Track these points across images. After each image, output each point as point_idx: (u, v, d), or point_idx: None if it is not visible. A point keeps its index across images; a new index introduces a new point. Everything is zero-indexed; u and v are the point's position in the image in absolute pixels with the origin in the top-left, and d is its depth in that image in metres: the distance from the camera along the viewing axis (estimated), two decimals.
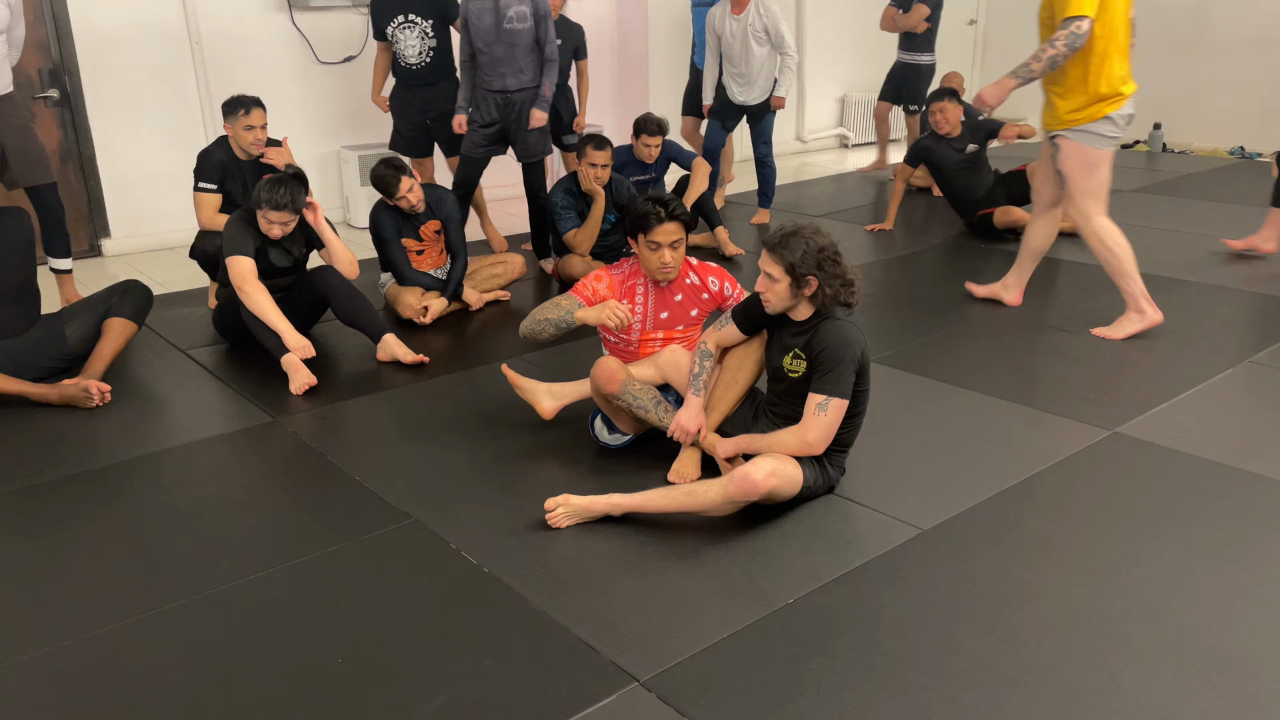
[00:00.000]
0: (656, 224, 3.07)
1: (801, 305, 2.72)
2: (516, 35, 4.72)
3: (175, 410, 3.60)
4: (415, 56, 5.09)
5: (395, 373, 3.88)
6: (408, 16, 5.04)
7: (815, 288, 2.65)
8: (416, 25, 5.04)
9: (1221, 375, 3.66)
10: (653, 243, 3.09)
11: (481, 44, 4.72)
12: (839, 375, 2.63)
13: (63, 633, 2.31)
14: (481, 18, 4.68)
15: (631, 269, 3.25)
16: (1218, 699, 2.03)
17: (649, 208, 3.08)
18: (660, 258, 3.10)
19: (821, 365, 2.65)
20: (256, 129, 4.26)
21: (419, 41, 5.05)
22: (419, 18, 5.05)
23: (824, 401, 2.64)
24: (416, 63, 5.10)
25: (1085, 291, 4.65)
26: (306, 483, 3.02)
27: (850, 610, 2.33)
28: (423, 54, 5.08)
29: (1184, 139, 8.54)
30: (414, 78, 5.16)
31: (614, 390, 2.98)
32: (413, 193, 4.31)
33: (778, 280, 2.66)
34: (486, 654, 2.21)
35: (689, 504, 2.65)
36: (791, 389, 2.76)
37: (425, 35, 5.06)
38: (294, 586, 2.48)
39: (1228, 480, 2.91)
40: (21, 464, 3.17)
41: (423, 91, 5.19)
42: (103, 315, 3.83)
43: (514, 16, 4.68)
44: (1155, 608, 2.33)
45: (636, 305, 3.23)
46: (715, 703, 2.04)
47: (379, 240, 4.44)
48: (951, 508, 2.78)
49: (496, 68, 4.76)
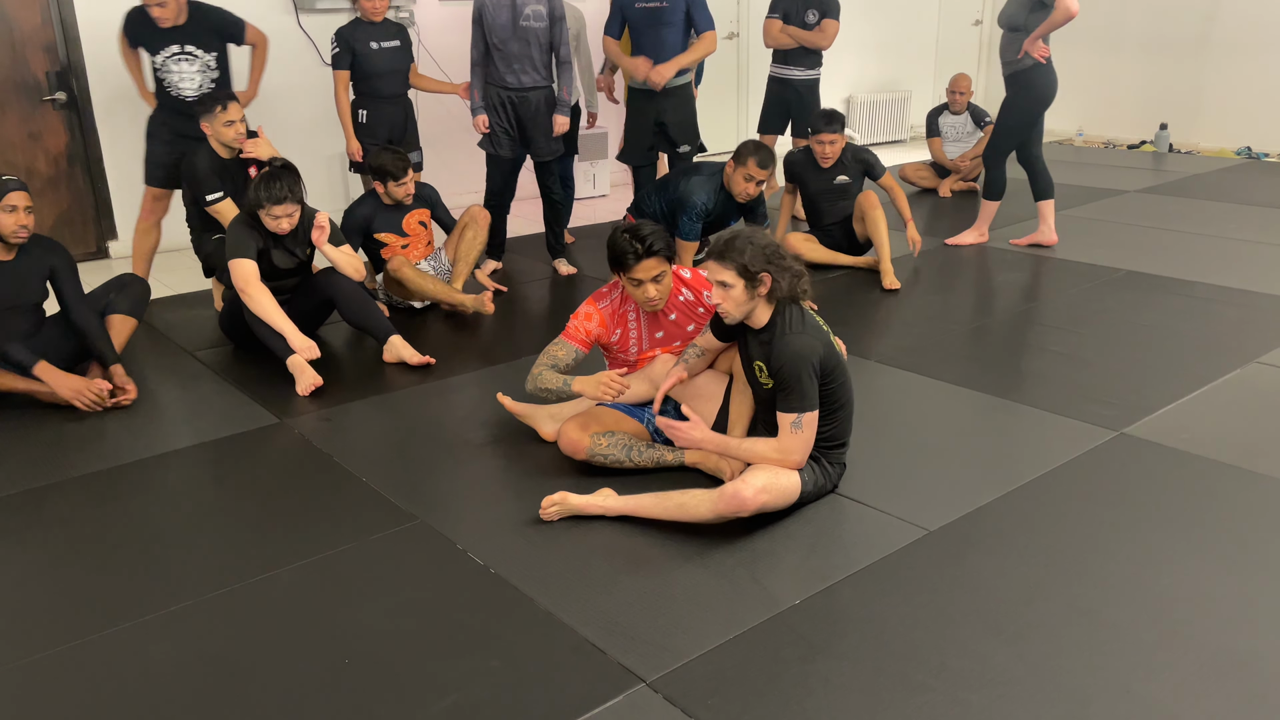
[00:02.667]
0: (635, 261, 2.95)
1: (759, 308, 2.70)
2: (532, 33, 4.73)
3: (182, 412, 3.61)
4: (193, 89, 4.49)
5: (401, 374, 3.89)
6: (184, 48, 4.46)
7: (770, 284, 2.65)
8: (197, 59, 4.48)
9: (1229, 376, 3.65)
10: (634, 280, 3.01)
11: (497, 40, 4.72)
12: (803, 391, 2.62)
13: (70, 634, 2.31)
14: (498, 14, 4.69)
15: (621, 296, 3.17)
16: (1226, 700, 2.02)
17: (626, 245, 2.95)
18: (644, 293, 3.02)
19: (783, 385, 2.64)
20: (237, 123, 4.23)
21: (199, 75, 4.49)
22: (200, 50, 4.48)
23: (796, 419, 2.64)
24: (194, 97, 4.48)
25: (1092, 292, 4.64)
26: (312, 484, 3.03)
27: (857, 611, 2.33)
28: (202, 86, 4.51)
29: (1190, 139, 8.52)
30: (190, 108, 4.46)
31: (581, 458, 2.99)
32: (407, 185, 4.39)
33: (732, 285, 2.64)
34: (493, 655, 2.21)
35: (680, 516, 2.67)
36: (768, 399, 2.76)
37: (207, 68, 4.51)
38: (301, 587, 2.48)
39: (1236, 481, 2.90)
40: (29, 465, 3.17)
41: (198, 123, 4.44)
42: (101, 312, 3.84)
43: (531, 15, 4.70)
44: (1163, 609, 2.32)
45: (630, 330, 3.19)
46: (722, 704, 2.04)
47: (345, 229, 4.43)
48: (958, 509, 2.77)
49: (510, 64, 4.76)
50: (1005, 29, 5.22)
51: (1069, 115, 9.23)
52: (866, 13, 8.49)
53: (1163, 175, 7.38)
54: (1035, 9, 5.06)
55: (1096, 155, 8.24)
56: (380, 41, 4.83)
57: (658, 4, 5.01)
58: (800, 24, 5.97)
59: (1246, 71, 8.20)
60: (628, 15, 5.05)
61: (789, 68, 6.11)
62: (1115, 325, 4.20)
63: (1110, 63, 8.89)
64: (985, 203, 5.53)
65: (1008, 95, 5.27)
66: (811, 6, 5.93)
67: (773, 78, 6.23)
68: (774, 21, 6.01)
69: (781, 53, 6.11)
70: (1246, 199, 6.52)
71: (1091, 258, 5.19)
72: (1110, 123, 8.97)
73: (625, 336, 3.19)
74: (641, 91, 5.17)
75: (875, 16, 8.67)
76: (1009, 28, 5.17)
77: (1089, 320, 4.27)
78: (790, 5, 5.97)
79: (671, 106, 5.17)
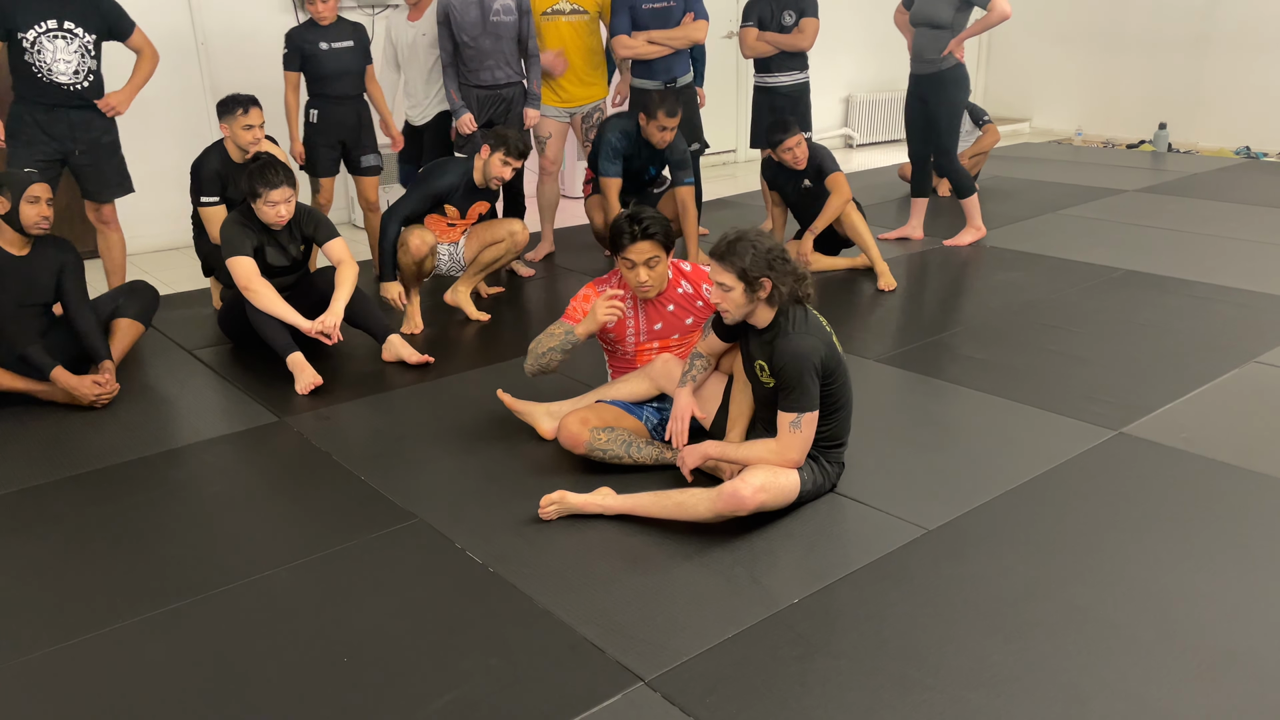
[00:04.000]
0: (630, 242, 3.02)
1: (760, 309, 2.70)
2: (503, 28, 4.74)
3: (181, 410, 3.61)
4: (68, 75, 4.06)
5: (400, 373, 3.89)
6: (62, 25, 4.03)
7: (770, 289, 2.65)
8: (76, 38, 4.05)
9: (1228, 375, 3.65)
10: (627, 260, 3.05)
11: (468, 37, 4.71)
12: (803, 391, 2.62)
13: (70, 631, 2.31)
14: (467, 11, 4.68)
15: (619, 283, 3.22)
16: (1224, 699, 2.02)
17: (624, 226, 3.03)
18: (636, 276, 3.06)
19: (784, 384, 2.65)
20: (255, 128, 4.20)
21: (76, 58, 4.06)
22: (79, 29, 4.07)
23: (796, 419, 2.64)
24: (70, 82, 4.08)
25: (1091, 291, 4.64)
26: (311, 482, 3.03)
27: (855, 610, 2.33)
28: (80, 74, 4.10)
29: (1189, 139, 8.52)
30: (63, 97, 4.10)
31: (580, 452, 3.00)
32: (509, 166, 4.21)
33: (731, 288, 2.65)
34: (491, 653, 2.21)
35: (678, 515, 2.67)
36: (769, 398, 2.77)
37: (86, 52, 4.10)
38: (299, 586, 2.48)
39: (1235, 480, 2.90)
40: (28, 464, 3.17)
41: (70, 115, 4.14)
42: (109, 316, 3.85)
43: (500, 9, 4.70)
44: (1162, 608, 2.32)
45: (627, 319, 3.21)
46: (720, 702, 2.04)
47: (423, 185, 4.22)
48: (956, 508, 2.78)
49: (484, 61, 4.75)
50: (924, 26, 5.14)
51: (1068, 114, 9.23)
52: (864, 12, 8.49)
53: (1162, 175, 7.38)
54: (961, 8, 5.04)
55: (1095, 154, 8.24)
56: (332, 42, 4.67)
57: (666, 3, 4.97)
58: (778, 27, 5.52)
59: (1246, 71, 8.20)
60: (636, 15, 4.99)
61: (773, 75, 5.64)
62: (1114, 324, 4.20)
63: (1109, 62, 8.90)
64: (965, 202, 5.53)
65: (940, 96, 5.25)
66: (788, 7, 5.49)
67: (758, 88, 5.74)
68: (749, 30, 5.55)
69: (763, 61, 5.62)
70: (1246, 199, 6.52)
71: (1090, 257, 5.19)
72: (1109, 122, 8.97)
73: (622, 324, 3.21)
74: (647, 92, 5.12)
75: (873, 15, 8.65)
76: (930, 25, 5.10)
77: (1088, 319, 4.27)
78: (764, 9, 5.53)
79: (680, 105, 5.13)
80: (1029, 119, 9.57)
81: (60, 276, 3.65)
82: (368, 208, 5.01)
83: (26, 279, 3.57)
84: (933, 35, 5.10)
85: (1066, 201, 6.45)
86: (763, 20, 5.53)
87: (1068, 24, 9.07)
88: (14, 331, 3.50)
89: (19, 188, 3.45)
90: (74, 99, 4.13)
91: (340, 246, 3.97)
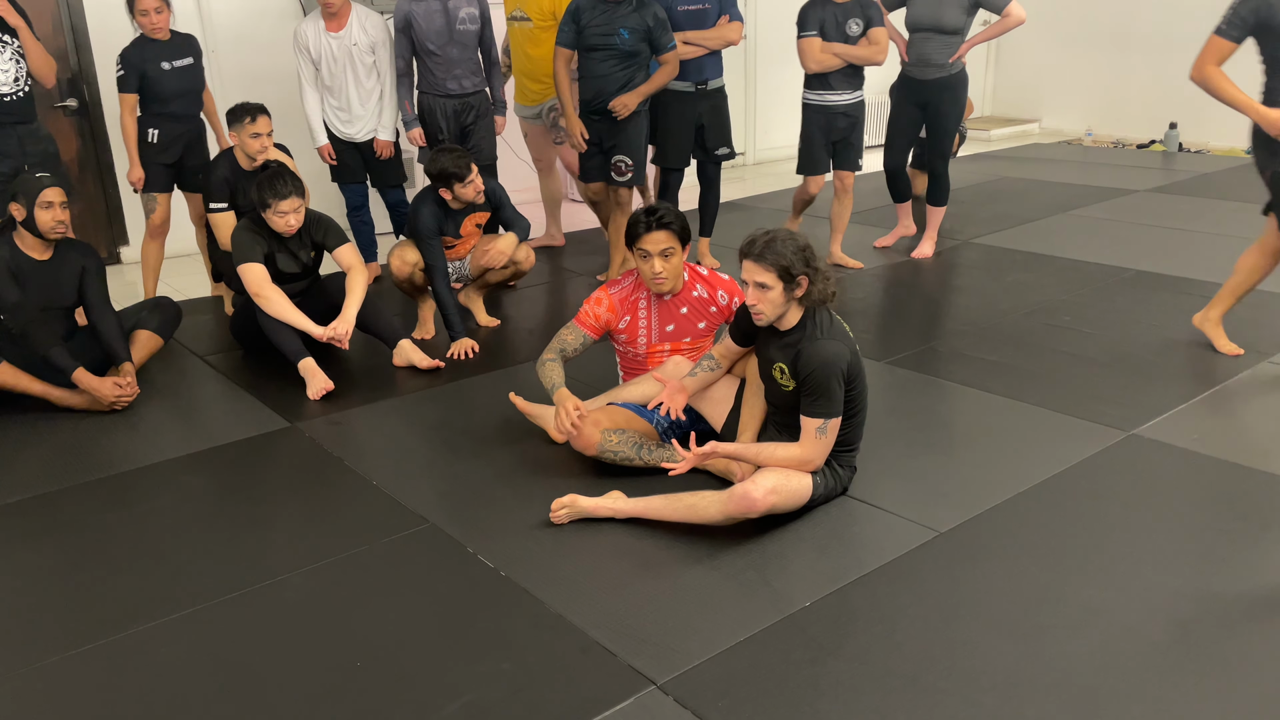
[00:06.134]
0: (645, 232, 3.04)
1: (790, 310, 2.70)
2: (469, 36, 4.73)
3: (193, 416, 3.63)
4: (7, 84, 3.89)
5: (411, 378, 3.90)
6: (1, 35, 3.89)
7: (806, 287, 2.65)
8: (8, 46, 3.91)
9: (1239, 376, 3.63)
10: (642, 251, 3.07)
11: (434, 46, 4.68)
12: (830, 397, 2.62)
13: (84, 636, 2.33)
14: (430, 20, 4.66)
15: (634, 283, 3.23)
16: (1240, 703, 2.02)
17: (641, 216, 3.07)
18: (651, 267, 3.07)
19: (810, 390, 2.64)
20: (263, 136, 4.19)
21: (13, 65, 3.90)
22: (8, 36, 3.92)
23: (822, 425, 2.65)
24: (10, 93, 3.91)
25: (1102, 292, 4.63)
26: (323, 488, 3.04)
27: (867, 613, 2.33)
28: (20, 81, 3.94)
29: (1200, 138, 8.48)
30: (5, 111, 3.93)
31: (592, 454, 3.01)
32: (475, 182, 4.06)
33: (771, 287, 2.63)
34: (504, 657, 2.21)
35: (690, 517, 2.67)
36: (787, 400, 2.76)
37: (19, 57, 3.94)
38: (312, 591, 2.49)
39: (1247, 482, 2.89)
40: (44, 470, 3.19)
41: (18, 129, 3.99)
42: (131, 327, 3.91)
43: (465, 18, 4.69)
44: (1175, 610, 2.31)
45: (640, 319, 3.22)
46: (733, 706, 2.04)
47: (419, 236, 4.07)
48: (968, 510, 2.77)
49: (451, 69, 4.74)
50: (930, 31, 5.01)
51: (1078, 115, 9.20)
52: None
53: (1172, 175, 7.35)
54: (970, 11, 4.98)
55: (1106, 155, 8.21)
56: (172, 60, 4.40)
57: (702, 5, 4.87)
58: (841, 37, 4.86)
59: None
60: (672, 18, 4.81)
61: (835, 92, 4.98)
62: (1125, 325, 4.18)
63: (1119, 62, 8.86)
64: (938, 210, 5.41)
65: (946, 99, 5.16)
66: (853, 15, 4.83)
67: (813, 107, 5.04)
68: (812, 40, 4.85)
69: (820, 76, 4.96)
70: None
71: (1101, 258, 5.17)
72: (1119, 122, 8.94)
73: (634, 324, 3.21)
74: (679, 94, 4.95)
75: None
76: (938, 30, 4.99)
77: (1099, 320, 4.26)
78: (826, 16, 4.85)
79: (710, 109, 5.00)
80: (1039, 120, 9.55)
81: (82, 279, 3.69)
82: (199, 223, 4.78)
83: (49, 283, 3.61)
84: (942, 40, 5.01)
85: (1077, 202, 6.43)
86: (825, 29, 4.86)
87: (1077, 24, 9.04)
88: (38, 334, 3.53)
89: (32, 193, 3.48)
90: (18, 111, 3.98)
91: (350, 252, 3.98)
